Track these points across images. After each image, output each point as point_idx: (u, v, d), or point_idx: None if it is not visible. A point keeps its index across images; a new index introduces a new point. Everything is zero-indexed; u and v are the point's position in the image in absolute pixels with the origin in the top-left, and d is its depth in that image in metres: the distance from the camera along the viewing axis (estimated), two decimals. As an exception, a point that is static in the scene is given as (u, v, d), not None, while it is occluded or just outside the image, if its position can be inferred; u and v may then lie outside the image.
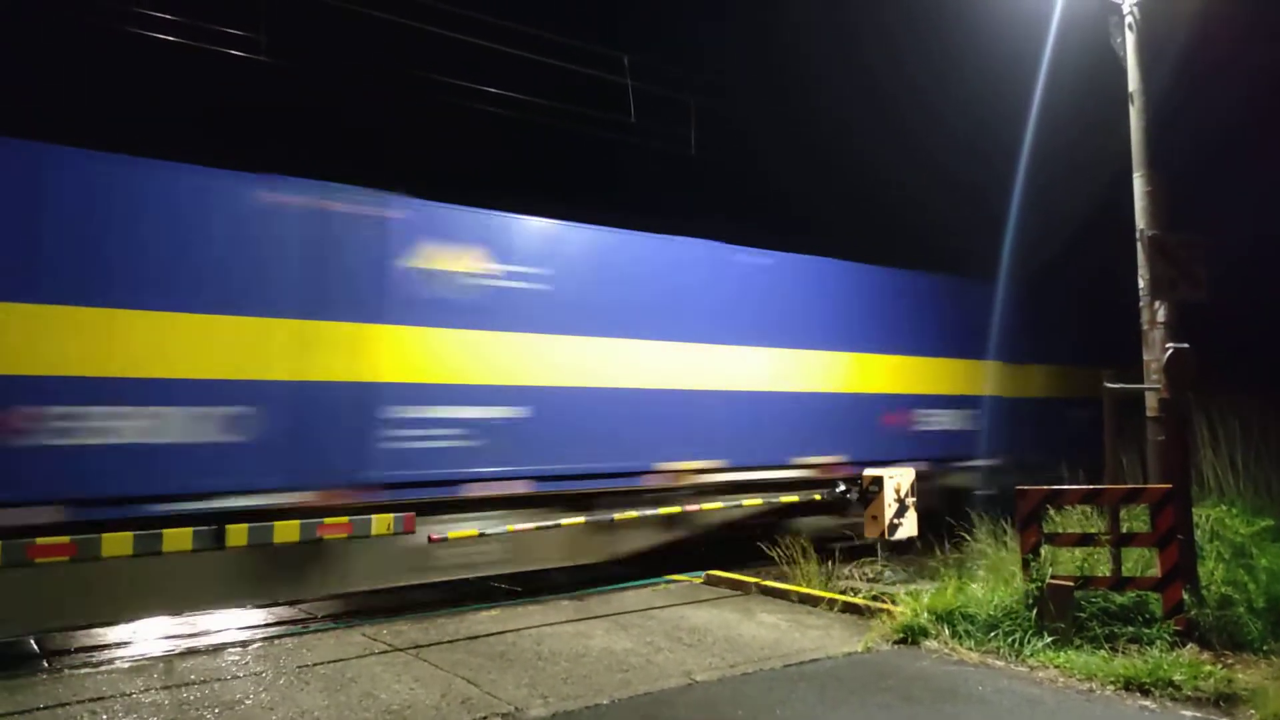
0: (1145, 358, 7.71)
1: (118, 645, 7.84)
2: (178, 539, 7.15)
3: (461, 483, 8.58)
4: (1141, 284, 7.68)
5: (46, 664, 7.08)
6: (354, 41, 11.32)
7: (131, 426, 7.11)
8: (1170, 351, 7.44)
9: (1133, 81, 7.90)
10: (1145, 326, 7.71)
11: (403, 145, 12.48)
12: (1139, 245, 7.68)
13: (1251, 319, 14.11)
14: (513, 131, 12.22)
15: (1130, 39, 7.90)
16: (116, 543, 6.94)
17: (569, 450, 9.24)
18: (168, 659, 6.87)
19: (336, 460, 7.96)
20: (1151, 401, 7.62)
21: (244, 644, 7.31)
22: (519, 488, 8.90)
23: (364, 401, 8.12)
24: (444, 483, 8.49)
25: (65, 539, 6.79)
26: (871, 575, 9.21)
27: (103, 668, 6.64)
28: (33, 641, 7.68)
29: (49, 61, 10.48)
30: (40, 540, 6.71)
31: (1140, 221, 7.74)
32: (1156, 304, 7.61)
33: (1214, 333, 8.70)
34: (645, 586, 9.46)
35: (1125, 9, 7.89)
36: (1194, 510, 7.70)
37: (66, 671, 6.55)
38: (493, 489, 8.75)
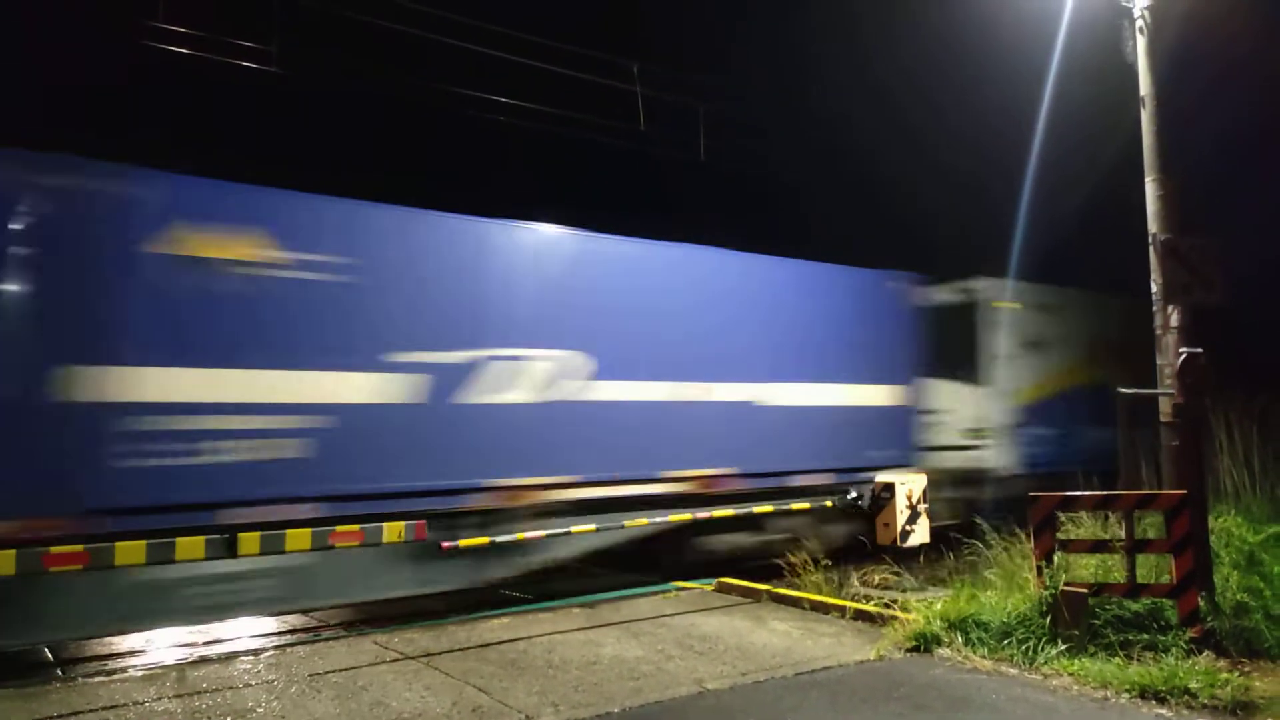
0: (1158, 362, 7.66)
1: (131, 653, 7.89)
2: None
3: None
4: (1155, 289, 7.63)
5: (60, 672, 7.13)
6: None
7: None
8: (1183, 356, 7.38)
9: (1144, 85, 7.86)
10: (1158, 331, 7.65)
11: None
12: (1151, 250, 7.63)
13: (1273, 321, 13.97)
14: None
15: (1141, 42, 7.87)
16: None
17: None
18: (180, 667, 6.90)
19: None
20: (1165, 406, 7.56)
21: (256, 652, 7.34)
22: None
23: None
24: None
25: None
26: (883, 582, 9.16)
27: (116, 676, 6.67)
28: (46, 649, 7.74)
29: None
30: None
31: (1153, 226, 7.70)
32: (1170, 309, 7.55)
33: (1234, 335, 8.61)
34: (656, 594, 9.45)
35: (1136, 12, 7.86)
36: (1209, 516, 7.62)
37: (80, 680, 6.59)
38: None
